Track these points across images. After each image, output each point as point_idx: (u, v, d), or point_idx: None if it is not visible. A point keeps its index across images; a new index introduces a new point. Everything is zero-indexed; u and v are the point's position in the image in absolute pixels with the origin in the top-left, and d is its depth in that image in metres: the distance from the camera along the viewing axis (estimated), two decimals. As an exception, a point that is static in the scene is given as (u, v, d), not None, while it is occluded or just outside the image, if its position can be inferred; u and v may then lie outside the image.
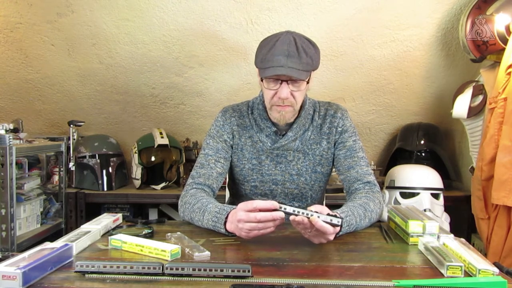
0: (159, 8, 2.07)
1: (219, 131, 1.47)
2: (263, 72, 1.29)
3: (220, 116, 1.49)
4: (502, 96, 1.73)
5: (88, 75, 2.39)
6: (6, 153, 1.70)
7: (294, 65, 1.23)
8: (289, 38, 1.26)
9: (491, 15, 1.88)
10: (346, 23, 2.12)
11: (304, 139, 1.44)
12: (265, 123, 1.43)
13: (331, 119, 1.46)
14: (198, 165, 1.43)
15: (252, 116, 1.46)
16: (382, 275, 0.91)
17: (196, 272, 0.86)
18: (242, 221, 1.07)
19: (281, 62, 1.23)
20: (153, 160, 2.55)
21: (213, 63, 2.32)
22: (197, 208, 1.26)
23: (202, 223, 1.24)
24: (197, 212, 1.26)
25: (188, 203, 1.31)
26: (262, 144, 1.44)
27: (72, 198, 2.34)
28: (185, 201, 1.33)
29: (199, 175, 1.40)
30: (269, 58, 1.25)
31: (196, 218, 1.26)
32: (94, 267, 0.87)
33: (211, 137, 1.48)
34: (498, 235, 1.74)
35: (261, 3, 2.05)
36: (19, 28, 2.15)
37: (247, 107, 1.50)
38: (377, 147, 2.75)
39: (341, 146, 1.45)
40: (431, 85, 2.43)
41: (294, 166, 1.45)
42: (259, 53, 1.31)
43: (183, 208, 1.33)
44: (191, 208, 1.29)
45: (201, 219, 1.24)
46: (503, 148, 1.69)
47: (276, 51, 1.25)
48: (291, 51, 1.24)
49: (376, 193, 1.38)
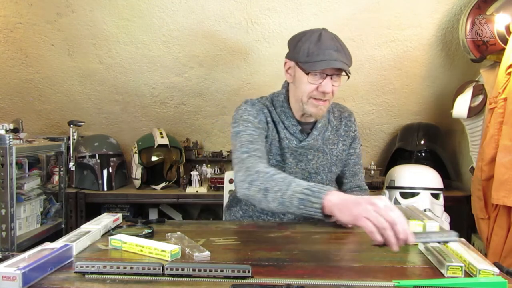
0: (159, 8, 2.07)
1: (256, 119, 1.37)
2: (311, 65, 1.26)
3: (250, 106, 1.41)
4: (502, 96, 1.73)
5: (88, 75, 2.39)
6: (6, 153, 1.70)
7: (344, 60, 1.26)
8: (331, 35, 1.29)
9: (491, 15, 1.88)
10: (346, 23, 2.12)
11: (325, 139, 1.46)
12: (290, 121, 1.41)
13: (346, 122, 1.51)
14: (247, 142, 1.29)
15: (276, 112, 1.43)
16: (382, 275, 0.90)
17: (196, 272, 0.86)
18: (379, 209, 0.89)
19: (333, 56, 1.24)
20: (153, 160, 2.54)
21: (213, 63, 2.32)
22: (279, 177, 1.10)
23: (284, 194, 1.06)
24: (279, 182, 1.09)
25: (263, 172, 1.14)
26: (288, 141, 1.42)
27: (72, 198, 2.34)
28: (256, 170, 1.16)
29: (255, 149, 1.27)
30: (319, 52, 1.25)
31: (275, 187, 1.08)
32: (94, 267, 0.87)
33: (248, 122, 1.36)
34: (498, 235, 1.74)
35: (261, 3, 2.05)
36: (19, 28, 2.15)
37: (269, 102, 1.45)
38: (377, 147, 2.75)
39: (352, 152, 1.53)
40: (431, 85, 2.43)
41: (313, 164, 1.46)
42: (301, 47, 1.28)
43: (251, 178, 1.15)
44: (269, 177, 1.12)
45: (283, 189, 1.06)
46: (503, 148, 1.69)
47: (324, 45, 1.25)
48: (338, 46, 1.27)
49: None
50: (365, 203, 0.91)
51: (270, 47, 2.24)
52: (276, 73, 2.35)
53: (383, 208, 0.88)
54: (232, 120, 1.41)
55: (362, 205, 0.91)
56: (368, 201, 0.91)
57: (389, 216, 0.87)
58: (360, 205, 0.91)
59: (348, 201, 0.95)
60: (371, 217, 0.88)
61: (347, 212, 0.93)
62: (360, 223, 0.90)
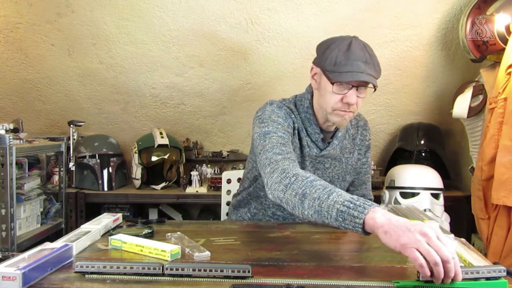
0: (159, 8, 2.07)
1: (285, 122, 1.33)
2: (338, 75, 1.22)
3: (278, 109, 1.35)
4: (502, 96, 1.73)
5: (88, 75, 2.39)
6: (6, 153, 1.70)
7: (371, 72, 1.22)
8: (361, 44, 1.24)
9: (491, 15, 1.88)
10: (346, 23, 2.12)
11: (343, 148, 1.44)
12: (313, 128, 1.37)
13: (362, 131, 1.50)
14: (279, 144, 1.24)
15: (300, 117, 1.38)
16: (382, 275, 0.91)
17: (196, 272, 0.86)
18: (431, 242, 0.81)
19: (361, 68, 1.20)
20: (153, 160, 2.54)
21: (213, 63, 2.32)
22: (319, 184, 1.03)
23: (323, 203, 0.98)
24: (319, 189, 1.01)
25: (302, 176, 1.07)
26: (309, 149, 1.38)
27: (72, 198, 2.34)
28: (294, 173, 1.09)
29: (287, 152, 1.21)
30: (347, 62, 1.20)
31: (315, 194, 1.01)
32: (94, 267, 0.87)
33: (278, 124, 1.30)
34: (498, 235, 1.74)
35: (261, 3, 2.05)
36: (19, 28, 2.15)
37: (294, 106, 1.40)
38: (377, 147, 2.75)
39: (364, 161, 1.52)
40: (431, 85, 2.43)
41: (330, 173, 1.44)
42: (329, 54, 1.24)
43: (288, 181, 1.08)
44: (309, 182, 1.04)
45: (322, 197, 0.99)
46: (503, 148, 1.69)
47: (353, 56, 1.20)
48: (367, 57, 1.22)
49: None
50: (415, 231, 0.83)
51: (270, 47, 2.24)
52: (276, 73, 2.35)
53: (435, 241, 0.81)
54: (258, 120, 1.35)
55: (412, 233, 0.82)
56: (419, 230, 0.82)
57: (442, 252, 0.79)
58: (410, 233, 0.83)
59: (396, 225, 0.86)
60: (422, 250, 0.80)
61: (394, 238, 0.85)
62: (408, 254, 0.81)
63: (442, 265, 0.79)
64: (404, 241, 0.82)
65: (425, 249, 0.80)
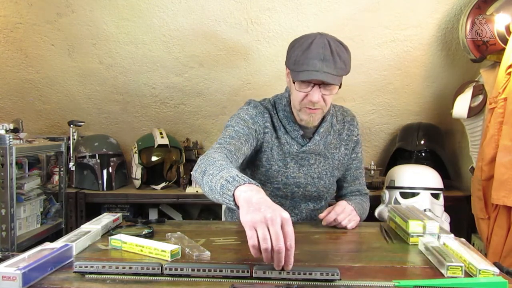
0: (159, 8, 2.07)
1: (252, 120, 1.36)
2: (296, 75, 1.25)
3: (252, 108, 1.40)
4: (502, 96, 1.73)
5: (88, 75, 2.39)
6: (6, 153, 1.70)
7: (329, 70, 1.21)
8: (324, 41, 1.23)
9: (491, 15, 1.88)
10: (346, 23, 2.12)
11: (327, 143, 1.44)
12: (292, 125, 1.39)
13: (349, 126, 1.50)
14: (227, 136, 1.27)
15: (278, 116, 1.41)
16: (382, 275, 0.90)
17: (195, 272, 0.86)
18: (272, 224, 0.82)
19: (316, 66, 1.21)
20: (153, 160, 2.55)
21: (213, 63, 2.32)
22: (219, 163, 1.05)
23: (212, 179, 1.01)
24: (217, 167, 1.03)
25: (211, 157, 1.10)
26: (289, 146, 1.40)
27: (72, 198, 2.34)
28: (208, 155, 1.13)
29: (229, 143, 1.24)
30: (304, 61, 1.22)
31: (210, 171, 1.03)
32: (93, 267, 0.87)
33: (242, 120, 1.35)
34: (498, 235, 1.74)
35: (261, 3, 2.05)
36: (19, 28, 2.15)
37: (272, 106, 1.44)
38: (377, 147, 2.75)
39: (354, 156, 1.53)
40: (431, 85, 2.43)
41: (315, 169, 1.45)
42: (291, 54, 1.28)
43: (201, 161, 1.12)
44: (212, 161, 1.07)
45: (214, 173, 1.01)
46: (503, 148, 1.69)
47: (311, 54, 1.22)
48: (326, 55, 1.21)
49: (367, 200, 1.57)
50: (264, 213, 0.82)
51: (270, 47, 2.24)
52: (276, 73, 2.35)
53: (275, 228, 0.81)
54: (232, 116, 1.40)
55: (260, 214, 0.82)
56: (268, 213, 0.82)
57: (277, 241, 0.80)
58: (258, 213, 0.83)
59: (251, 202, 0.86)
60: (259, 232, 0.82)
61: (243, 213, 0.85)
62: (247, 231, 0.83)
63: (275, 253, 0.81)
64: (247, 218, 0.83)
65: (262, 233, 0.81)
